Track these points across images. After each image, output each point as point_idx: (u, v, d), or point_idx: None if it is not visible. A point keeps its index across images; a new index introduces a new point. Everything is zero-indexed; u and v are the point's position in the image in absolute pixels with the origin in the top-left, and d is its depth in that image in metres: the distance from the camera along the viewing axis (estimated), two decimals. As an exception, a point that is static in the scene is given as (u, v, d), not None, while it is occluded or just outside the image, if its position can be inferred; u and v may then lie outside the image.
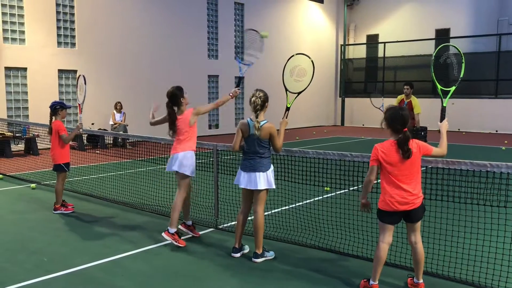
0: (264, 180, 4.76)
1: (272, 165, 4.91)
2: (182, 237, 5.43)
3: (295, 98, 5.19)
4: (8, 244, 5.37)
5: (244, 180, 4.83)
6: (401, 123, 3.88)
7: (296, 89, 5.24)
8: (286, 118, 5.09)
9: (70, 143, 6.98)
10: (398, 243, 4.99)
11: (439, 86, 4.79)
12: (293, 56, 5.35)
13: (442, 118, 4.50)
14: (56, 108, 6.74)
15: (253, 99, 4.78)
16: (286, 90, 5.26)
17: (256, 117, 4.75)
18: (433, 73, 4.79)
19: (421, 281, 4.11)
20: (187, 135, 5.39)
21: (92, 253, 5.03)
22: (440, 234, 5.07)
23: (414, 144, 3.93)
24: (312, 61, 5.25)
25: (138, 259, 4.89)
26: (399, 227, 5.26)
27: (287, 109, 5.18)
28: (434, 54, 4.90)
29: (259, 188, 4.76)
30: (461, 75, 4.72)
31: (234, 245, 5.01)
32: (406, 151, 3.85)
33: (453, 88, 4.71)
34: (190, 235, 5.59)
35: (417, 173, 3.97)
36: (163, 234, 5.29)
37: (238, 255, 4.95)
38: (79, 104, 7.20)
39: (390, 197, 3.94)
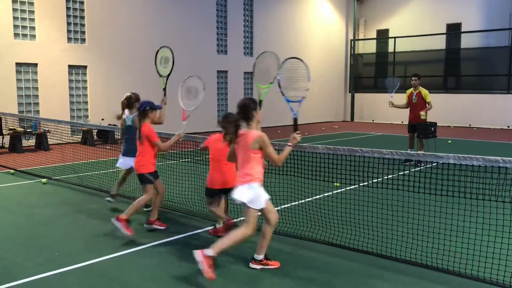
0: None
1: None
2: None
3: (166, 82, 6.65)
4: (19, 239, 5.42)
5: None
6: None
7: (165, 73, 6.64)
8: (165, 97, 6.47)
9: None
10: (409, 238, 4.96)
11: (258, 85, 5.45)
12: (158, 50, 6.79)
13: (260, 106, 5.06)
14: (146, 110, 5.60)
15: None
16: (160, 75, 6.67)
17: None
18: (254, 74, 5.51)
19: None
20: None
21: (103, 248, 5.06)
22: (451, 230, 5.02)
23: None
24: (171, 49, 6.61)
25: (148, 254, 4.91)
26: (410, 223, 5.23)
27: (164, 90, 6.61)
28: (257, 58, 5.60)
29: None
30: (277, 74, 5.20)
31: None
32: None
33: (268, 86, 5.36)
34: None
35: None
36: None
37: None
38: (183, 110, 5.95)
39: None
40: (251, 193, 4.25)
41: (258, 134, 4.29)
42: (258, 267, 4.46)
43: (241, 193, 4.27)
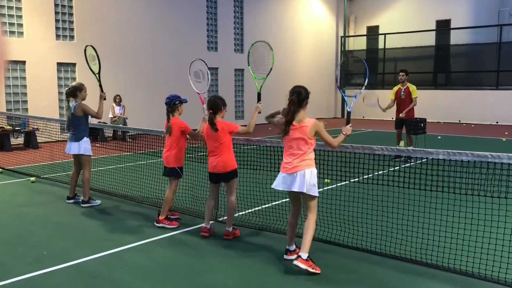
0: None
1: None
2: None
3: (99, 78, 6.96)
4: (7, 238, 5.36)
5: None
6: (210, 107, 5.12)
7: (96, 70, 6.96)
8: (102, 92, 6.81)
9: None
10: (399, 234, 4.98)
11: (254, 76, 5.68)
12: (85, 48, 7.06)
13: (259, 100, 5.52)
14: (176, 104, 5.76)
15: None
16: (93, 73, 6.98)
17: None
18: (249, 65, 5.77)
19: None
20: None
21: (92, 247, 5.02)
22: (441, 225, 5.05)
23: (220, 123, 5.09)
24: (93, 47, 6.90)
25: (138, 252, 4.88)
26: (399, 219, 5.25)
27: (100, 86, 6.91)
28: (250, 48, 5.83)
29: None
30: (272, 65, 5.59)
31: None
32: (213, 125, 5.10)
33: (264, 78, 5.62)
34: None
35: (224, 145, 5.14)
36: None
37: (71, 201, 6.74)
38: (199, 94, 6.05)
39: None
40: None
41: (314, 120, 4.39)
42: (304, 266, 4.19)
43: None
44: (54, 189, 7.89)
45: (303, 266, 4.19)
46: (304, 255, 4.23)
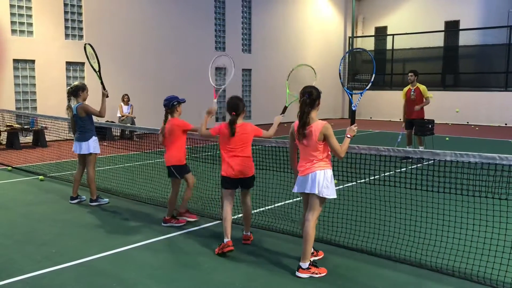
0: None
1: None
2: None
3: (100, 76, 6.99)
4: (17, 236, 5.41)
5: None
6: (230, 109, 4.84)
7: (96, 67, 6.95)
8: (105, 90, 6.90)
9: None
10: (405, 235, 4.97)
11: (288, 91, 5.57)
12: (85, 46, 7.04)
13: (283, 112, 5.48)
14: (174, 105, 5.68)
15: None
16: (95, 71, 6.98)
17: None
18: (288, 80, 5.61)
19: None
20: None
21: (100, 245, 5.06)
22: (449, 226, 5.03)
23: (244, 126, 4.86)
24: (91, 45, 6.92)
25: (146, 251, 4.91)
26: (408, 220, 5.24)
27: (102, 83, 6.99)
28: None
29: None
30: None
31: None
32: (233, 128, 4.78)
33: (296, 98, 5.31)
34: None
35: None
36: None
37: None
38: (214, 88, 5.79)
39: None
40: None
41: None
42: (305, 275, 4.21)
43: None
44: (62, 187, 7.95)
45: (305, 275, 4.20)
46: (305, 264, 4.23)
